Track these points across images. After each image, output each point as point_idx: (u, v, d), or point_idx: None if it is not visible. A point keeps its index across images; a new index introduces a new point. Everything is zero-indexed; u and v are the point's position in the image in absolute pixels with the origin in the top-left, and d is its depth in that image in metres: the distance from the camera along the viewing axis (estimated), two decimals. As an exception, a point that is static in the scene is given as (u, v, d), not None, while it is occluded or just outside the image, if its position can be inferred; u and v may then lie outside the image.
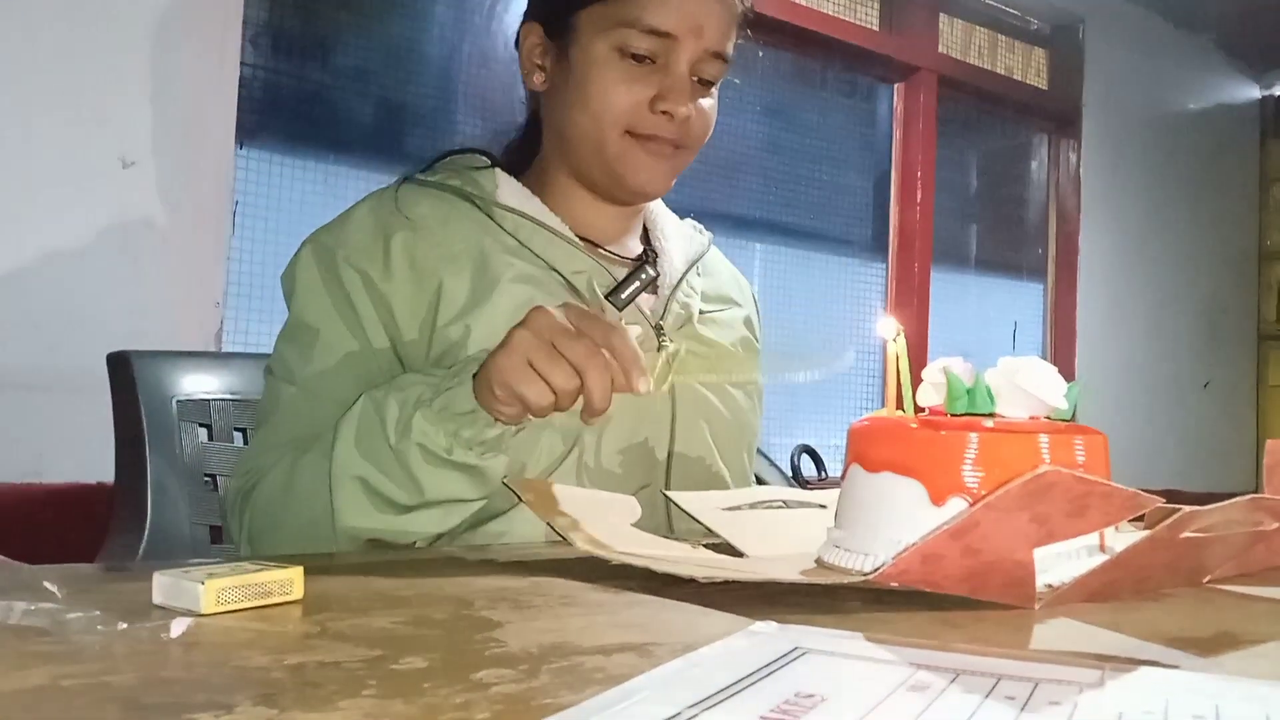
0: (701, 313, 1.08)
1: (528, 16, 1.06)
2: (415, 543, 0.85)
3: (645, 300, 1.03)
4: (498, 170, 1.05)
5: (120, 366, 1.08)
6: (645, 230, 1.13)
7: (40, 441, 1.57)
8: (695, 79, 0.99)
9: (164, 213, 1.70)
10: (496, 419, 0.78)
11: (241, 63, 1.80)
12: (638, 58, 0.97)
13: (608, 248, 1.07)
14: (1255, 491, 0.72)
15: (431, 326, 0.95)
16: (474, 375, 0.78)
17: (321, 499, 0.83)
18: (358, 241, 0.97)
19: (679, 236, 1.14)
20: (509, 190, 1.03)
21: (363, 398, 0.84)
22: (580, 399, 0.76)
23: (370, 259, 0.96)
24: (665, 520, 0.97)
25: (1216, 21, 3.57)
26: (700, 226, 1.20)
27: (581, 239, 1.03)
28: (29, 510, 1.54)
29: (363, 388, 0.89)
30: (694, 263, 1.11)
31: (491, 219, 1.01)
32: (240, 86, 1.79)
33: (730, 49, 1.01)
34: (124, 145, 1.66)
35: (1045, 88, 3.38)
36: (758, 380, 1.12)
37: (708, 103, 1.02)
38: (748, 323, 1.17)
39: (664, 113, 0.98)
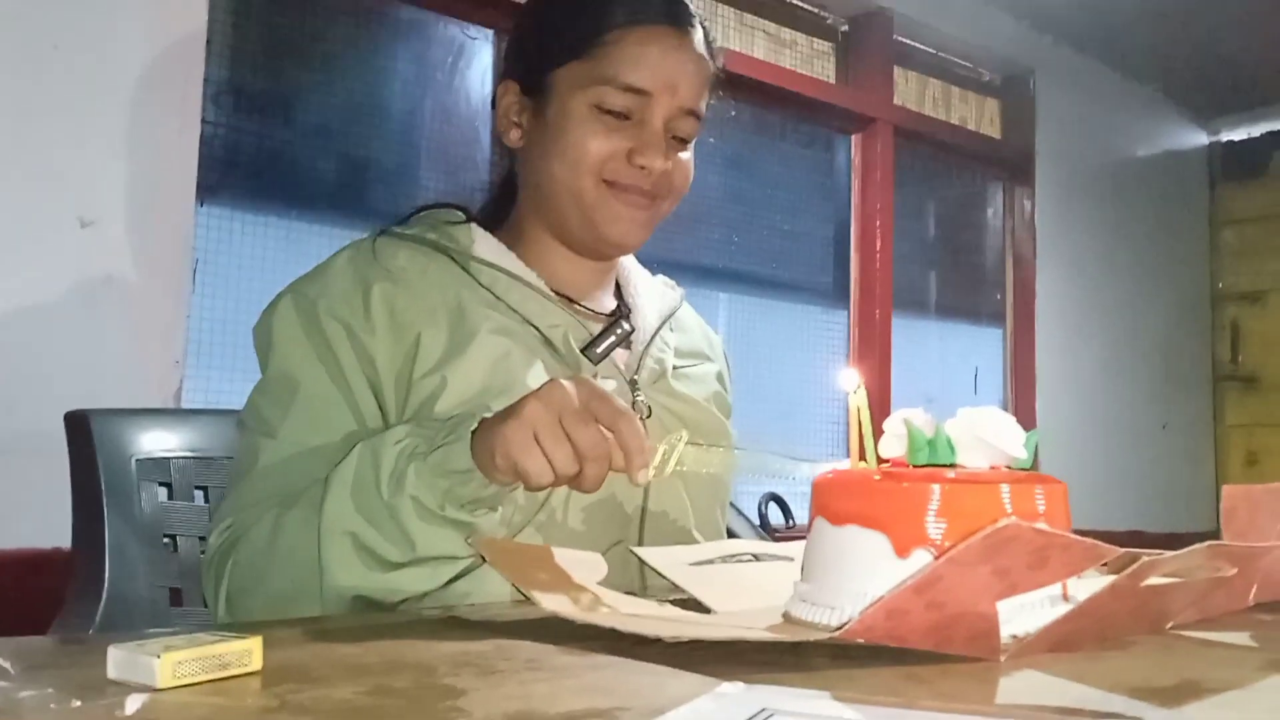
0: (675, 368, 1.09)
1: (504, 75, 1.08)
2: (400, 602, 0.83)
3: (619, 355, 1.04)
4: (474, 225, 1.05)
5: (78, 425, 1.06)
6: (618, 286, 1.14)
7: (-6, 505, 1.54)
8: (672, 135, 1.02)
9: (123, 271, 1.68)
10: (491, 482, 0.78)
11: (203, 120, 1.80)
12: (614, 114, 0.99)
13: (582, 303, 1.07)
14: (1215, 531, 0.73)
15: (408, 379, 0.94)
16: (472, 431, 0.78)
17: (308, 555, 0.81)
18: (339, 292, 0.96)
19: (651, 293, 1.15)
20: (485, 245, 1.03)
21: (355, 450, 0.83)
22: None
23: (352, 310, 0.95)
24: (638, 577, 0.96)
25: (1163, 71, 3.68)
26: (671, 283, 1.21)
27: (557, 294, 1.04)
28: (-18, 576, 1.51)
29: (346, 440, 0.88)
30: (667, 318, 1.12)
31: (468, 273, 1.01)
32: (201, 144, 1.79)
33: (703, 107, 1.04)
34: (82, 204, 1.65)
35: (999, 137, 3.45)
36: (732, 438, 1.12)
37: (685, 156, 1.04)
38: (719, 378, 1.18)
39: (640, 166, 1.00)
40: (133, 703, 0.46)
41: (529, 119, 1.05)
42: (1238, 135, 4.07)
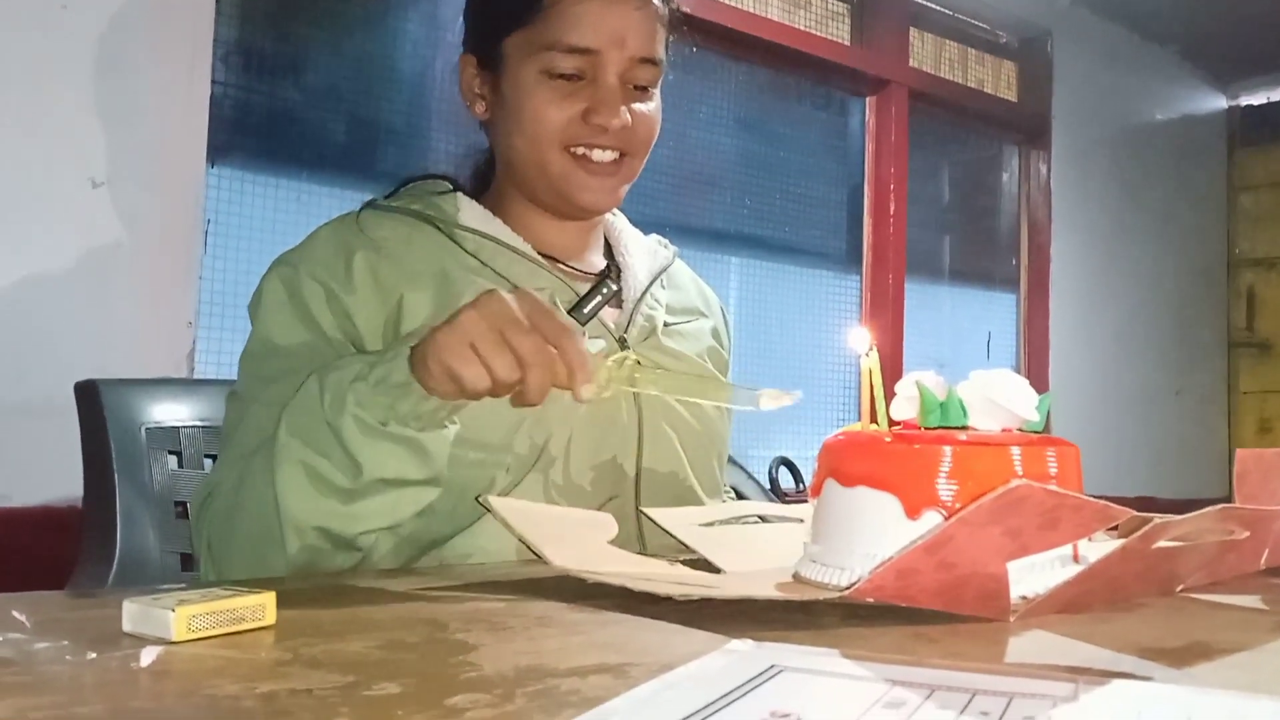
0: (666, 324, 1.09)
1: (464, 48, 1.07)
2: (370, 542, 0.82)
3: (609, 314, 1.04)
4: (459, 194, 1.06)
5: (88, 395, 1.07)
6: (610, 246, 1.14)
7: (10, 464, 1.56)
8: (631, 86, 1.00)
9: (134, 233, 1.68)
10: (431, 394, 0.76)
11: (212, 81, 1.79)
12: (565, 76, 0.98)
13: (570, 263, 1.07)
14: (1227, 498, 0.73)
15: (394, 339, 0.94)
16: (413, 349, 0.76)
17: (269, 493, 0.80)
18: (319, 257, 0.97)
19: (642, 251, 1.15)
20: (470, 213, 1.04)
21: (304, 382, 0.82)
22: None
23: (331, 273, 0.96)
24: (636, 534, 0.97)
25: (1182, 33, 3.62)
26: (665, 241, 1.20)
27: (544, 256, 1.04)
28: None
29: None
30: (658, 275, 1.12)
31: (453, 240, 1.01)
32: (211, 105, 1.78)
33: (660, 51, 1.02)
34: (93, 165, 1.65)
35: (1015, 100, 3.41)
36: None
37: (648, 106, 1.03)
38: (715, 333, 1.17)
39: (598, 125, 0.99)
40: (148, 655, 0.46)
41: (489, 91, 1.05)
42: (1256, 99, 4.02)
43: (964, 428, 0.67)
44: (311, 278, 0.96)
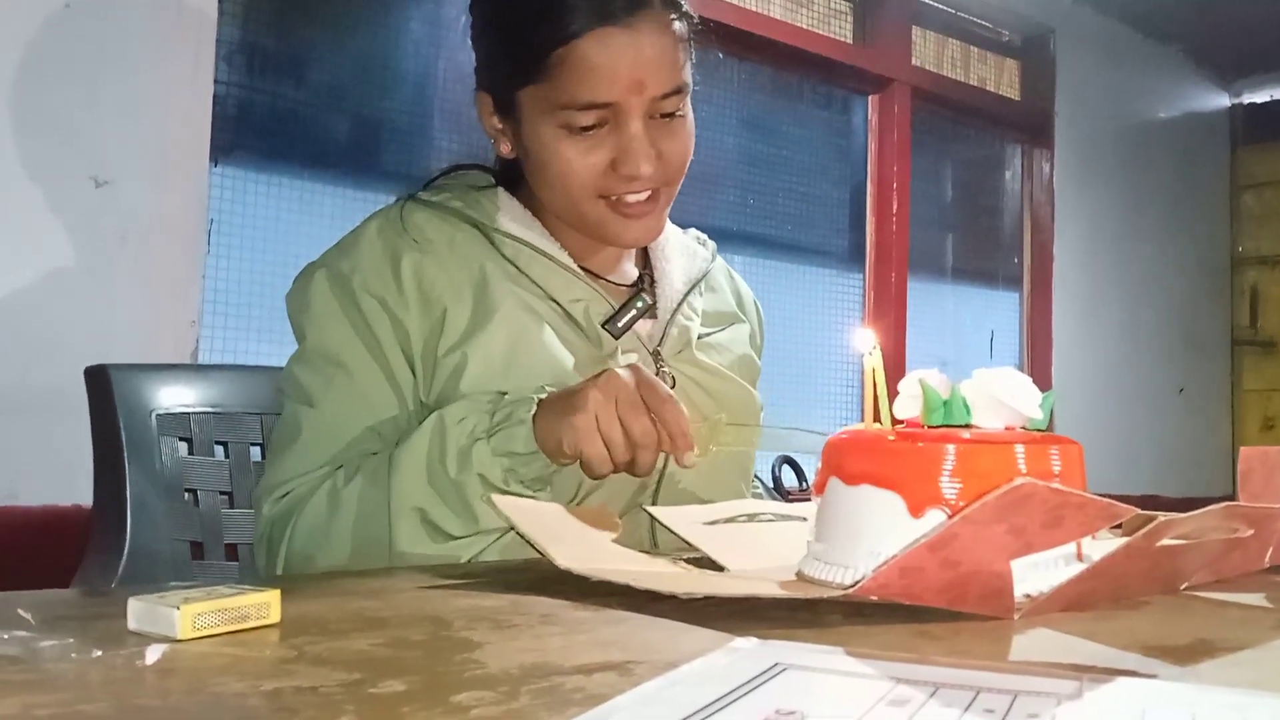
0: (700, 336, 1.08)
1: (478, 86, 1.03)
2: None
3: (643, 326, 1.03)
4: (500, 191, 1.04)
5: (98, 380, 1.07)
6: (647, 251, 1.12)
7: (15, 464, 1.56)
8: (657, 116, 0.96)
9: (138, 231, 1.69)
10: (553, 462, 0.83)
11: (216, 80, 1.79)
12: (586, 129, 0.94)
13: (606, 276, 1.06)
14: (1231, 496, 0.73)
15: (434, 354, 0.95)
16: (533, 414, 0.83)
17: (372, 528, 0.87)
18: (371, 266, 0.97)
19: (681, 254, 1.12)
20: (510, 214, 1.02)
21: (423, 429, 0.87)
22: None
23: (385, 285, 0.96)
24: (649, 536, 0.97)
25: (1185, 31, 3.62)
26: (704, 238, 1.19)
27: (581, 266, 1.03)
28: (4, 533, 1.53)
29: (389, 412, 0.94)
30: (695, 283, 1.11)
31: (492, 243, 1.01)
32: (214, 104, 1.78)
33: (683, 77, 0.98)
34: (97, 164, 1.65)
35: (1018, 98, 3.41)
36: (757, 403, 1.12)
37: (679, 131, 0.99)
38: (751, 338, 1.17)
39: (628, 175, 0.95)
40: (152, 653, 0.46)
41: (511, 134, 1.01)
42: (1260, 97, 4.01)
43: (967, 426, 0.67)
44: (366, 291, 0.96)
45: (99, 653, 0.46)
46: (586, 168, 0.95)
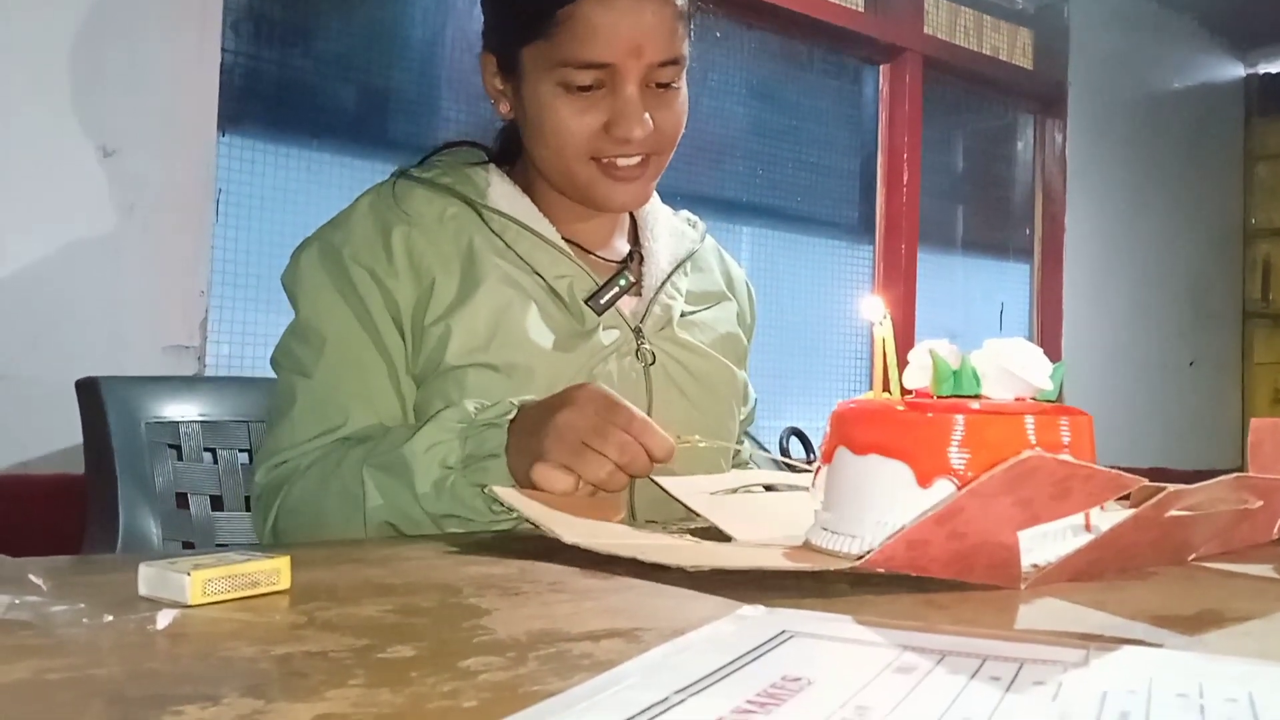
0: (683, 314, 1.09)
1: (484, 47, 1.05)
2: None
3: (627, 303, 1.05)
4: (491, 167, 1.07)
5: (89, 392, 1.10)
6: (637, 228, 1.13)
7: (24, 432, 1.57)
8: (652, 85, 0.98)
9: (146, 201, 1.68)
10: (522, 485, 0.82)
11: (222, 49, 1.79)
12: (583, 88, 0.96)
13: (594, 250, 1.08)
14: (1241, 468, 0.73)
15: (421, 325, 0.98)
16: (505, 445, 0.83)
17: (354, 523, 0.88)
18: (361, 238, 1.00)
19: (669, 234, 1.14)
20: (500, 190, 1.04)
21: (392, 453, 0.87)
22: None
23: (375, 256, 0.98)
24: (627, 503, 0.97)
25: (1200, 1, 3.57)
26: (694, 219, 1.20)
27: (568, 240, 1.04)
28: (15, 501, 1.54)
29: (381, 380, 0.96)
30: (681, 263, 1.12)
31: (481, 218, 1.03)
32: (221, 73, 1.78)
33: (680, 49, 0.98)
34: (104, 134, 1.65)
35: (1030, 68, 3.38)
36: (740, 382, 1.13)
37: (672, 103, 1.00)
38: (739, 318, 1.18)
39: (621, 138, 0.97)
40: (163, 618, 0.47)
41: (511, 94, 1.03)
42: (1275, 68, 3.96)
43: (977, 397, 0.66)
44: (356, 262, 0.98)
45: (110, 618, 0.46)
46: (581, 126, 0.97)
